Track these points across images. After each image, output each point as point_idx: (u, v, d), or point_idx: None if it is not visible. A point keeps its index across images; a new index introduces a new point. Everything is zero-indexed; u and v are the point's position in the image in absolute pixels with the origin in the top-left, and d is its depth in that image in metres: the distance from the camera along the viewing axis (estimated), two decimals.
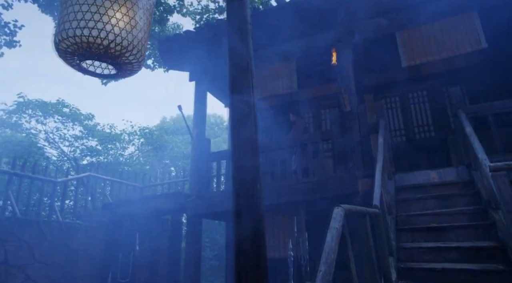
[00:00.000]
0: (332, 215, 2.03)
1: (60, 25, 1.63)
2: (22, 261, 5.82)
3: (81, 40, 1.60)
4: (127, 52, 1.69)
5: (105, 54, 1.68)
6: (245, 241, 1.19)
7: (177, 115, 18.18)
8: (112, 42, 1.62)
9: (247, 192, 1.29)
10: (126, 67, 1.80)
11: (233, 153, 1.37)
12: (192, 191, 7.16)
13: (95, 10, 1.60)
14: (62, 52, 1.69)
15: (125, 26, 1.66)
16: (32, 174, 7.37)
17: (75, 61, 1.75)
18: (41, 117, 11.32)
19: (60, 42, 1.63)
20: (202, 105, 7.88)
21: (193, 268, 6.73)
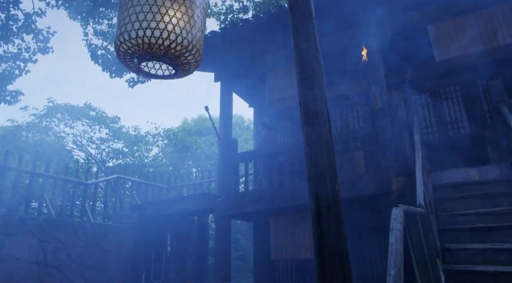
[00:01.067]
0: (391, 215, 1.95)
1: (122, 27, 1.61)
2: (59, 261, 5.96)
3: (142, 41, 1.58)
4: (187, 52, 1.66)
5: (165, 55, 1.65)
6: (328, 244, 1.12)
7: (198, 116, 18.33)
8: (173, 42, 1.60)
9: (326, 193, 1.23)
10: (183, 67, 1.78)
11: (307, 153, 1.31)
12: (220, 191, 7.17)
13: (156, 10, 1.58)
14: (122, 54, 1.68)
15: (185, 26, 1.64)
16: (64, 176, 7.55)
17: (134, 63, 1.74)
18: (70, 121, 11.62)
19: (121, 43, 1.62)
20: (228, 106, 7.88)
21: (223, 268, 6.73)
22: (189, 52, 1.68)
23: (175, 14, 1.62)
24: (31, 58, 6.77)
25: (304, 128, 1.35)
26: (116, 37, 1.66)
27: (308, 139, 1.32)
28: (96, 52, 8.41)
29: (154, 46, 1.62)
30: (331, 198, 1.24)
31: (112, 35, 8.53)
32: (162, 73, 1.87)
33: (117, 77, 8.53)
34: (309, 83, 1.36)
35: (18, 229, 5.51)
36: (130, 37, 1.58)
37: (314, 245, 1.20)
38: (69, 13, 7.81)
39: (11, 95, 6.49)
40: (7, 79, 6.51)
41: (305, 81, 1.38)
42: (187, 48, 1.66)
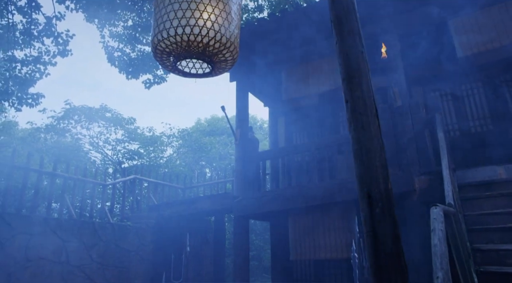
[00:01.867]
0: (431, 215, 1.88)
1: (159, 25, 1.59)
2: (81, 261, 6.03)
3: (181, 39, 1.56)
4: (225, 49, 1.64)
5: (202, 53, 1.63)
6: (383, 244, 1.08)
7: (211, 116, 18.39)
8: (212, 39, 1.57)
9: (379, 193, 1.18)
10: (220, 65, 1.75)
11: (356, 152, 1.26)
12: (238, 191, 7.15)
13: (195, 7, 1.56)
14: (159, 53, 1.67)
15: (223, 23, 1.61)
16: (83, 177, 7.65)
17: (170, 62, 1.72)
18: (86, 122, 11.78)
19: (159, 42, 1.60)
20: (244, 105, 7.86)
21: (242, 269, 6.71)
22: (227, 49, 1.66)
23: (213, 11, 1.59)
24: (51, 61, 6.87)
25: (352, 126, 1.30)
26: (154, 35, 1.65)
27: (357, 137, 1.28)
28: (113, 54, 8.49)
29: (192, 44, 1.59)
30: (385, 198, 1.19)
31: (127, 37, 8.61)
32: (197, 71, 1.85)
33: (133, 78, 8.60)
34: (356, 80, 1.31)
35: (42, 229, 5.59)
36: (169, 35, 1.56)
37: (368, 245, 1.15)
38: (86, 17, 7.92)
39: (33, 98, 6.60)
40: (28, 82, 6.62)
41: (351, 77, 1.33)
42: (225, 45, 1.64)
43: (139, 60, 8.50)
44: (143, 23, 8.41)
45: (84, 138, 11.97)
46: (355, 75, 1.32)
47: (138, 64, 8.38)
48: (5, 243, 5.02)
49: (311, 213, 6.45)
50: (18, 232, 5.24)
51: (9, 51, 6.80)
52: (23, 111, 6.77)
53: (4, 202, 5.88)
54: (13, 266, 5.03)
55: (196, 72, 1.81)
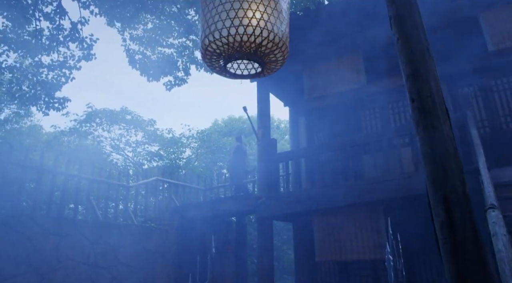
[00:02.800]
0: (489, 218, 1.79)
1: (210, 26, 1.55)
2: (108, 262, 6.10)
3: (234, 39, 1.52)
4: (277, 49, 1.58)
5: (254, 53, 1.58)
6: (465, 251, 1.00)
7: (228, 117, 18.44)
8: (265, 39, 1.52)
9: (457, 197, 1.10)
10: (270, 65, 1.70)
11: (426, 154, 1.19)
12: (261, 192, 7.11)
13: (247, 6, 1.51)
14: (209, 55, 1.63)
15: (275, 22, 1.56)
16: (107, 179, 7.75)
17: (219, 63, 1.68)
18: (107, 125, 11.98)
19: (210, 43, 1.56)
20: (265, 106, 7.82)
21: (267, 270, 6.66)
22: (279, 49, 1.61)
23: (265, 10, 1.54)
24: (75, 66, 6.99)
25: (421, 126, 1.23)
26: (204, 37, 1.61)
27: (427, 138, 1.20)
28: (134, 57, 8.57)
29: (245, 44, 1.55)
30: (463, 202, 1.12)
31: (147, 40, 8.67)
32: (247, 72, 1.81)
33: (154, 81, 8.66)
34: (424, 77, 1.24)
35: (70, 231, 5.68)
36: (221, 36, 1.52)
37: (446, 252, 1.08)
38: (108, 21, 8.03)
39: (59, 102, 6.72)
40: (55, 86, 6.75)
41: (417, 75, 1.26)
42: (278, 45, 1.59)
43: (159, 63, 8.55)
44: (163, 25, 8.47)
45: (106, 141, 12.19)
46: (422, 72, 1.25)
47: (159, 67, 8.43)
48: (37, 244, 5.12)
49: (336, 213, 6.35)
50: (49, 234, 5.33)
51: (36, 56, 6.95)
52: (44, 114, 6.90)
53: (35, 204, 6.01)
54: (45, 266, 5.12)
55: (243, 73, 1.77)
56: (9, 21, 6.89)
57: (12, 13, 6.74)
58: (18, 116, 10.95)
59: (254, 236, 11.76)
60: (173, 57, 8.61)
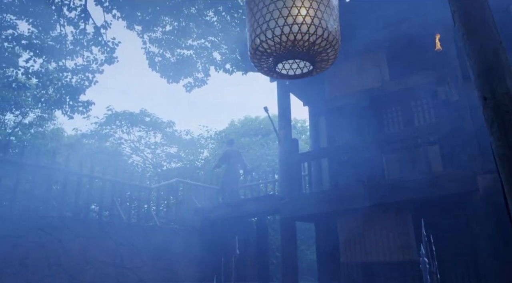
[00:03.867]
0: None
1: (261, 25, 1.51)
2: (134, 263, 6.15)
3: (287, 39, 1.47)
4: (330, 47, 1.53)
5: (306, 52, 1.53)
6: None
7: (245, 117, 18.42)
8: (319, 37, 1.47)
9: None
10: (320, 65, 1.65)
11: (505, 157, 1.11)
12: (284, 192, 7.06)
13: (300, 4, 1.46)
14: (258, 55, 1.59)
15: (328, 19, 1.50)
16: (130, 181, 7.83)
17: (268, 64, 1.64)
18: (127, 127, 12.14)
19: (262, 42, 1.52)
20: (286, 106, 7.76)
21: (291, 271, 6.61)
22: (332, 47, 1.55)
23: (319, 7, 1.49)
24: (98, 69, 7.08)
25: (495, 126, 1.16)
26: (255, 37, 1.57)
27: (504, 139, 1.13)
28: (154, 59, 8.64)
29: (298, 43, 1.50)
30: None
31: (166, 42, 8.73)
32: (293, 72, 1.76)
33: (174, 82, 8.71)
34: (497, 74, 1.17)
35: (97, 233, 5.74)
36: (274, 35, 1.48)
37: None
38: (128, 24, 8.12)
39: (83, 105, 6.83)
40: (79, 90, 6.86)
41: (489, 72, 1.19)
42: (331, 43, 1.53)
43: (179, 64, 8.60)
44: (181, 27, 8.50)
45: (125, 143, 12.36)
46: (495, 69, 1.18)
47: (178, 68, 8.48)
48: (66, 246, 5.20)
49: (361, 214, 6.23)
50: (76, 236, 5.41)
51: (60, 61, 7.08)
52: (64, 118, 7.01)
53: (62, 206, 6.11)
54: (74, 268, 5.20)
55: (290, 73, 1.72)
56: (34, 27, 7.04)
57: (37, 20, 6.89)
58: (42, 120, 11.25)
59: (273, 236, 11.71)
60: (192, 59, 8.65)
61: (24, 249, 4.75)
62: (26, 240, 4.83)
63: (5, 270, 4.55)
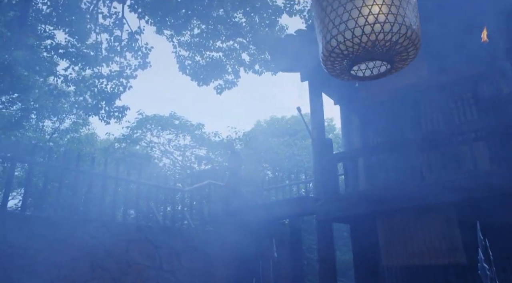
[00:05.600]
0: None
1: (338, 25, 1.42)
2: (172, 266, 6.21)
3: (367, 39, 1.38)
4: (412, 46, 1.43)
5: (386, 52, 1.43)
6: None
7: (270, 117, 18.37)
8: (403, 36, 1.37)
9: None
10: (398, 65, 1.54)
11: None
12: (319, 193, 6.92)
13: (381, 1, 1.37)
14: (333, 58, 1.51)
15: (411, 16, 1.40)
16: (164, 184, 7.93)
17: (342, 66, 1.55)
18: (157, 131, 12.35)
19: (339, 44, 1.43)
20: (318, 104, 7.60)
21: (328, 274, 6.47)
22: (414, 45, 1.45)
23: (401, 4, 1.39)
24: (132, 74, 7.21)
25: None
26: (330, 38, 1.48)
27: None
28: (184, 63, 8.71)
29: (379, 43, 1.40)
30: None
31: (195, 45, 8.79)
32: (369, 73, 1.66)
33: (204, 85, 8.76)
34: None
35: (137, 236, 5.83)
36: (354, 36, 1.39)
37: None
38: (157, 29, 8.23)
39: (119, 110, 6.98)
40: (114, 96, 7.01)
41: None
42: (414, 42, 1.43)
43: (209, 67, 8.64)
44: (210, 30, 8.53)
45: (156, 146, 12.57)
46: None
47: (208, 71, 8.52)
48: (109, 249, 5.31)
49: (402, 215, 6.01)
50: (118, 239, 5.51)
51: (95, 68, 7.26)
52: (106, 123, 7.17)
53: (102, 210, 6.26)
54: (117, 270, 5.30)
55: (371, 73, 1.63)
56: (71, 36, 7.26)
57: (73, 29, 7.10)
58: (77, 126, 11.64)
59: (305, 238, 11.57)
60: (222, 61, 8.67)
61: (69, 252, 4.88)
62: (71, 243, 4.96)
63: (52, 271, 4.70)
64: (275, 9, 7.42)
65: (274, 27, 7.76)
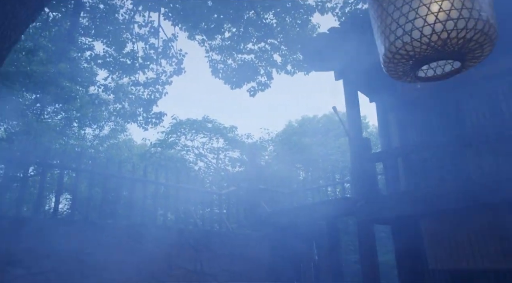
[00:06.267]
0: None
1: (404, 25, 1.34)
2: (213, 269, 6.26)
3: (438, 37, 1.28)
4: (488, 41, 1.31)
5: (458, 50, 1.32)
6: None
7: (301, 117, 18.19)
8: (479, 32, 1.26)
9: None
10: (469, 63, 1.43)
11: None
12: (358, 194, 6.74)
13: None
14: (396, 61, 1.42)
15: (487, 9, 1.29)
16: (202, 188, 8.04)
17: (406, 68, 1.46)
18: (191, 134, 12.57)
19: (405, 45, 1.34)
20: (354, 103, 7.40)
21: (371, 277, 6.27)
22: (490, 42, 1.33)
23: None
24: (167, 81, 7.36)
25: None
26: (394, 39, 1.40)
27: None
28: (216, 66, 8.78)
29: (450, 42, 1.30)
30: None
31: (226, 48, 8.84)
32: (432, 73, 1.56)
33: (237, 88, 8.79)
34: None
35: (178, 240, 5.93)
36: (422, 35, 1.30)
37: None
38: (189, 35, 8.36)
39: (156, 116, 7.15)
40: (150, 102, 7.19)
41: None
42: (490, 37, 1.31)
43: (241, 70, 8.66)
44: (241, 32, 8.55)
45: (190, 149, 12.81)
46: None
47: (240, 74, 8.54)
48: (152, 253, 5.43)
49: (450, 216, 5.71)
50: (161, 243, 5.63)
51: (132, 76, 7.48)
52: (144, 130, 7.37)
53: (143, 213, 6.42)
54: (161, 274, 5.41)
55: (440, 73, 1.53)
56: (108, 47, 7.53)
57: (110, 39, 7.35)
58: (115, 132, 12.12)
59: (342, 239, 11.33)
60: (254, 63, 8.66)
61: (116, 255, 5.04)
62: (119, 247, 5.12)
63: (101, 274, 4.87)
64: (307, 8, 7.31)
65: (306, 27, 7.64)
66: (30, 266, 4.27)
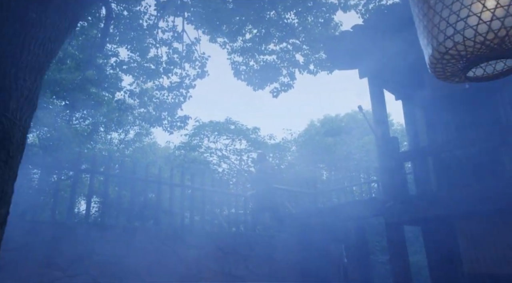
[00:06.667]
0: None
1: (455, 24, 1.27)
2: (240, 271, 6.26)
3: (495, 35, 1.19)
4: None
5: None
6: None
7: (324, 116, 17.95)
8: None
9: None
10: None
11: None
12: (386, 195, 6.58)
13: None
14: (445, 61, 1.34)
15: None
16: (227, 190, 8.07)
17: (456, 69, 1.38)
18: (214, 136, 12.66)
19: (456, 45, 1.27)
20: (380, 101, 7.24)
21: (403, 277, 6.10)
22: None
23: None
24: (191, 84, 7.42)
25: None
26: (444, 39, 1.32)
27: None
28: (239, 68, 8.78)
29: (510, 39, 1.22)
30: None
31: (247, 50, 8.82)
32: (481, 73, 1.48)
33: (260, 89, 8.76)
34: None
35: (206, 242, 5.97)
36: (477, 34, 1.22)
37: None
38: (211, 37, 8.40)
39: (181, 120, 7.22)
40: (175, 106, 7.26)
41: None
42: None
43: (263, 71, 8.62)
44: (262, 33, 8.50)
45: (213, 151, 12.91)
46: None
47: (263, 75, 8.51)
48: (181, 255, 5.49)
49: (486, 218, 5.48)
50: (190, 246, 5.68)
51: (156, 80, 7.59)
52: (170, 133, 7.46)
53: (171, 217, 6.50)
54: (191, 276, 5.46)
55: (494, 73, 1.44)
56: (132, 52, 7.67)
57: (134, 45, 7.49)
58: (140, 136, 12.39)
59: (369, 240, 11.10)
60: (276, 64, 8.60)
61: (146, 258, 5.12)
62: (148, 251, 5.20)
63: (132, 277, 4.96)
64: (329, 7, 7.19)
65: (329, 25, 7.53)
66: (65, 269, 4.39)
